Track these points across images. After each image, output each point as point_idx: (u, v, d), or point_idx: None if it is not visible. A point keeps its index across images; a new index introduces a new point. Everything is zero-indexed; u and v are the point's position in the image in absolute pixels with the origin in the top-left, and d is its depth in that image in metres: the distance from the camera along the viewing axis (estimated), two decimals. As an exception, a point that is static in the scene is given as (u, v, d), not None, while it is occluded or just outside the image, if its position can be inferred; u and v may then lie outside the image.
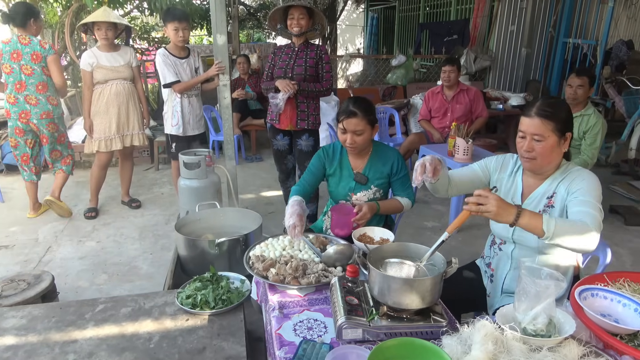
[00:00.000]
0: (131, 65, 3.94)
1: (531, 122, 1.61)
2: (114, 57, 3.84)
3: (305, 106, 3.48)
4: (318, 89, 3.43)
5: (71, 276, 3.13)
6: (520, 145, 1.67)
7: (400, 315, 1.39)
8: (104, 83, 3.82)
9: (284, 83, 3.32)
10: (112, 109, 3.86)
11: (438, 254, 1.46)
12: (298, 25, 3.32)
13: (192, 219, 2.72)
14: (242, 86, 6.11)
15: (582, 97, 3.38)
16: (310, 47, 3.46)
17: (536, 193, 1.73)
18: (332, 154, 2.36)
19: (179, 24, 3.40)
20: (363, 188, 2.30)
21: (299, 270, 1.71)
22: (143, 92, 4.11)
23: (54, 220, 4.04)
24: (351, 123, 2.14)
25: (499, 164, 1.88)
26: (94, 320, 1.87)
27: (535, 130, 1.60)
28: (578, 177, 1.66)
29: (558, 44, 6.83)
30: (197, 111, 3.69)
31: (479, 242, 3.63)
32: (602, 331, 1.26)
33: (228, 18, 7.98)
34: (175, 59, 3.48)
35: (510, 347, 1.20)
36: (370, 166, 2.30)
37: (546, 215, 1.45)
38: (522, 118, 1.67)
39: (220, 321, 1.84)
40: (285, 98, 3.33)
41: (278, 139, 3.64)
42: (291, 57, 3.45)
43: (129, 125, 3.98)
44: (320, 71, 3.44)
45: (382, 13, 11.58)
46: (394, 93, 6.93)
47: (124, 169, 4.32)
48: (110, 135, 3.93)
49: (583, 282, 1.50)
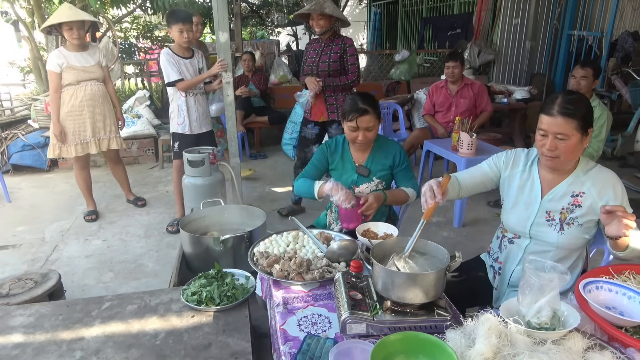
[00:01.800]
0: (101, 64, 3.83)
1: (554, 121, 1.57)
2: (84, 57, 3.70)
3: (334, 99, 3.65)
4: (343, 82, 3.57)
5: (78, 274, 3.15)
6: (542, 143, 1.62)
7: (404, 310, 1.39)
8: (76, 84, 3.68)
9: (310, 81, 3.53)
10: (86, 111, 3.73)
11: (441, 249, 1.46)
12: (318, 26, 3.49)
13: (196, 217, 2.73)
14: (245, 83, 6.10)
15: (586, 88, 3.36)
16: (335, 40, 3.58)
17: (558, 189, 1.71)
18: (334, 148, 2.37)
19: (184, 25, 3.39)
20: (365, 180, 2.31)
21: (303, 266, 1.72)
22: (115, 93, 4.01)
23: (60, 219, 4.07)
24: (364, 120, 2.15)
25: (510, 160, 1.86)
26: (100, 318, 1.89)
27: (558, 129, 1.56)
28: (608, 182, 1.65)
29: (563, 36, 6.78)
30: (204, 109, 3.68)
31: (484, 237, 3.63)
32: (607, 324, 1.26)
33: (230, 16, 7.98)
34: (179, 59, 3.48)
35: (515, 340, 1.20)
36: (372, 158, 2.32)
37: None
38: (543, 116, 1.61)
39: (225, 317, 1.84)
40: (311, 95, 3.55)
41: (309, 127, 3.81)
42: (318, 52, 3.61)
43: (105, 128, 3.87)
44: (345, 64, 3.57)
45: (385, 8, 11.54)
46: (397, 88, 6.91)
47: (116, 172, 4.25)
48: (85, 139, 3.80)
49: (588, 275, 1.49)
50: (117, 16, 7.93)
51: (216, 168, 3.41)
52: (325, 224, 2.51)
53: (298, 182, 2.31)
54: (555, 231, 1.71)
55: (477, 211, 4.15)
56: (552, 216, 1.72)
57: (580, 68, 3.40)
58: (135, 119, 5.78)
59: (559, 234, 1.70)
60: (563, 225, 1.70)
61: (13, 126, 5.88)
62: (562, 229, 1.70)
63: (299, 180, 2.31)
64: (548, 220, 1.72)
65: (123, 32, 9.30)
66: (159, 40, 9.77)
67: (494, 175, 1.90)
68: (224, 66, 3.38)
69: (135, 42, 9.57)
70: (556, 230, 1.71)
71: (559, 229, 1.70)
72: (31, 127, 5.72)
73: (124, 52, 8.53)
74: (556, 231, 1.71)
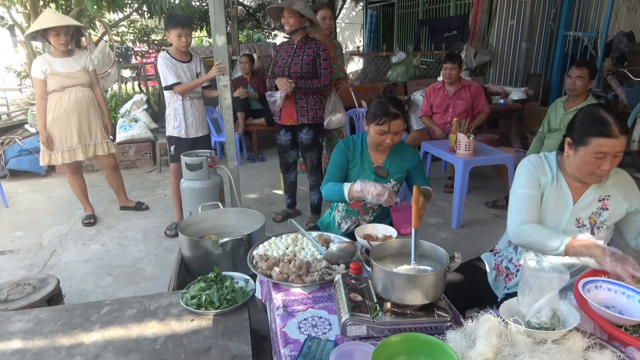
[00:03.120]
0: (88, 69, 3.75)
1: (617, 142, 1.57)
2: (68, 63, 3.64)
3: (304, 102, 3.57)
4: (316, 86, 3.51)
5: (76, 279, 3.14)
6: (597, 165, 1.60)
7: (404, 311, 1.39)
8: (61, 91, 3.62)
9: (282, 81, 3.44)
10: (72, 117, 3.68)
11: (441, 250, 1.47)
12: (287, 24, 3.44)
13: (195, 220, 2.73)
14: (243, 85, 6.11)
15: (581, 88, 3.38)
16: (308, 44, 3.51)
17: (587, 196, 1.73)
18: (352, 147, 2.34)
19: (182, 30, 3.37)
20: (383, 181, 2.31)
21: (303, 269, 1.72)
22: (103, 98, 3.94)
23: (58, 224, 4.06)
24: (395, 125, 2.14)
25: (538, 170, 1.78)
26: (99, 323, 1.88)
27: (621, 147, 1.58)
28: (628, 182, 1.75)
29: (558, 37, 6.79)
30: (200, 113, 3.66)
31: (482, 237, 3.63)
32: (607, 323, 1.26)
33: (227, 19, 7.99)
34: (177, 62, 3.48)
35: (515, 340, 1.20)
36: (390, 161, 2.33)
37: None
38: (601, 139, 1.57)
39: (225, 321, 1.84)
40: (283, 96, 3.47)
41: (281, 134, 3.76)
42: (290, 54, 3.54)
43: (91, 134, 3.81)
44: (318, 68, 3.51)
45: (381, 10, 11.57)
46: (394, 90, 6.91)
47: (111, 179, 4.18)
48: (72, 146, 3.74)
49: (587, 275, 1.50)
50: (113, 20, 7.94)
51: (214, 171, 3.41)
52: (329, 223, 2.50)
53: (326, 188, 2.24)
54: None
55: (475, 212, 4.16)
56: (582, 222, 1.74)
57: (576, 68, 3.41)
58: (132, 122, 5.78)
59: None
60: (594, 229, 1.73)
61: (10, 131, 5.87)
62: (593, 234, 1.73)
63: (326, 185, 2.25)
64: (578, 226, 1.74)
65: (120, 36, 9.30)
66: (155, 44, 9.77)
67: (540, 194, 1.79)
68: (222, 70, 3.38)
69: (132, 46, 9.57)
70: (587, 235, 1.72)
71: (590, 234, 1.72)
72: (28, 132, 5.72)
73: (121, 56, 8.52)
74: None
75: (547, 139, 3.68)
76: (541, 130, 3.74)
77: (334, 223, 2.48)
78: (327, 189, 2.23)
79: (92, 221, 4.05)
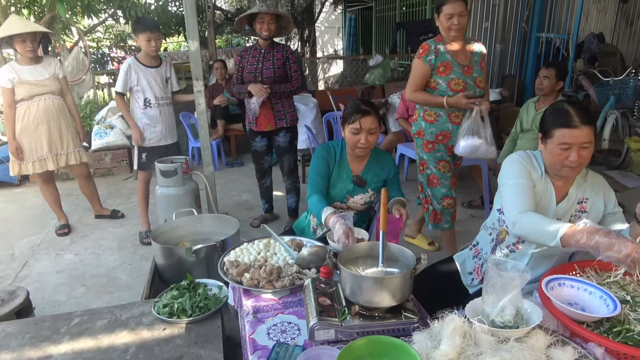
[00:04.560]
0: (57, 77, 3.66)
1: (580, 132, 1.59)
2: (37, 70, 3.55)
3: (281, 106, 3.58)
4: (289, 89, 3.53)
5: (48, 290, 3.08)
6: (565, 156, 1.63)
7: (372, 314, 1.40)
8: (29, 99, 3.52)
9: (257, 88, 3.41)
10: (41, 126, 3.58)
11: (407, 251, 1.48)
12: (268, 30, 3.41)
13: (169, 227, 2.70)
14: (219, 91, 6.08)
15: (548, 88, 3.44)
16: (276, 47, 3.52)
17: (569, 197, 1.75)
18: (332, 152, 2.33)
19: (151, 34, 3.33)
20: (361, 191, 2.32)
21: (274, 274, 1.71)
22: (74, 106, 3.84)
23: (30, 235, 3.98)
24: (367, 122, 2.13)
25: (529, 165, 1.78)
26: (69, 334, 1.85)
27: (584, 138, 1.60)
28: (605, 187, 1.77)
29: (531, 39, 6.92)
30: (170, 120, 3.59)
31: (459, 237, 3.66)
32: (568, 320, 1.29)
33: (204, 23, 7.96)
34: (145, 68, 3.41)
35: (479, 339, 1.22)
36: (368, 170, 2.32)
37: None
38: (563, 130, 1.61)
39: (197, 329, 1.83)
40: (259, 102, 3.42)
41: (257, 141, 3.75)
42: (259, 59, 3.52)
43: (62, 144, 3.70)
44: (288, 71, 3.52)
45: (360, 14, 11.64)
46: (372, 93, 6.95)
47: (84, 188, 4.09)
48: (43, 155, 3.64)
49: (552, 272, 1.52)
50: (89, 26, 7.82)
51: (190, 177, 3.38)
52: (304, 228, 2.50)
53: (311, 202, 2.20)
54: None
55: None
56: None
57: (545, 68, 3.48)
58: (108, 129, 5.69)
59: None
60: None
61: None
62: None
63: (312, 197, 2.20)
64: None
65: (95, 41, 9.18)
66: (132, 50, 9.67)
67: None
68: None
69: (108, 52, 9.45)
70: None
71: None
72: (0, 141, 5.59)
73: (97, 62, 8.41)
74: None
75: (519, 139, 3.74)
76: (514, 131, 3.80)
77: (309, 228, 2.48)
78: (312, 205, 2.18)
79: (66, 231, 3.97)
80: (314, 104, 6.09)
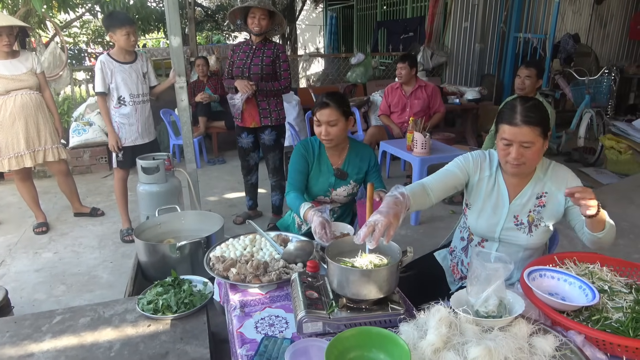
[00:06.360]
0: (35, 71, 3.58)
1: (519, 130, 1.57)
2: (13, 65, 3.47)
3: (266, 104, 3.55)
4: (277, 88, 3.50)
5: (27, 289, 3.01)
6: (506, 152, 1.63)
7: (359, 306, 1.41)
8: (6, 94, 3.45)
9: (242, 84, 3.40)
10: (18, 122, 3.50)
11: (394, 245, 1.50)
12: (259, 26, 3.38)
13: (152, 224, 2.67)
14: (201, 88, 6.03)
15: (529, 87, 3.53)
16: (267, 45, 3.50)
17: (524, 193, 1.74)
18: (310, 150, 2.35)
19: (130, 27, 3.26)
20: (343, 183, 2.34)
21: (260, 269, 1.72)
22: (52, 101, 3.75)
23: (7, 234, 3.88)
24: (324, 114, 2.16)
25: (477, 164, 1.82)
26: (51, 333, 1.82)
27: (524, 138, 1.57)
28: (567, 178, 1.72)
29: (509, 38, 7.06)
30: (146, 118, 3.52)
31: (440, 233, 3.72)
32: (550, 309, 1.33)
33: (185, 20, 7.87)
34: (118, 65, 3.33)
35: (464, 329, 1.25)
36: (348, 162, 2.35)
37: (605, 211, 1.53)
38: (504, 126, 1.61)
39: (183, 325, 1.82)
40: (243, 98, 3.41)
41: (243, 137, 3.73)
42: (248, 55, 3.50)
43: (40, 140, 3.62)
44: (277, 70, 3.50)
45: (341, 12, 11.67)
46: (354, 91, 7.00)
47: (63, 185, 4.00)
48: (19, 152, 3.56)
49: (533, 264, 1.56)
50: (65, 21, 7.66)
51: (172, 174, 3.35)
52: (289, 225, 2.51)
53: (289, 199, 2.22)
54: (524, 234, 1.75)
55: (432, 209, 4.25)
56: (520, 220, 1.75)
57: (525, 68, 3.56)
58: (86, 126, 5.59)
59: (528, 236, 1.74)
60: (531, 227, 1.74)
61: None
62: (530, 231, 1.74)
63: (290, 195, 2.23)
64: (517, 224, 1.76)
65: (72, 37, 9.00)
66: (110, 46, 9.51)
67: (464, 178, 1.83)
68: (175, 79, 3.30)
69: (85, 48, 9.28)
70: (525, 233, 1.75)
71: (528, 232, 1.75)
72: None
73: (74, 57, 8.24)
74: (525, 234, 1.75)
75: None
76: (493, 129, 3.87)
77: (294, 225, 2.49)
78: (290, 202, 2.21)
79: (45, 229, 3.88)
80: (296, 102, 6.10)
